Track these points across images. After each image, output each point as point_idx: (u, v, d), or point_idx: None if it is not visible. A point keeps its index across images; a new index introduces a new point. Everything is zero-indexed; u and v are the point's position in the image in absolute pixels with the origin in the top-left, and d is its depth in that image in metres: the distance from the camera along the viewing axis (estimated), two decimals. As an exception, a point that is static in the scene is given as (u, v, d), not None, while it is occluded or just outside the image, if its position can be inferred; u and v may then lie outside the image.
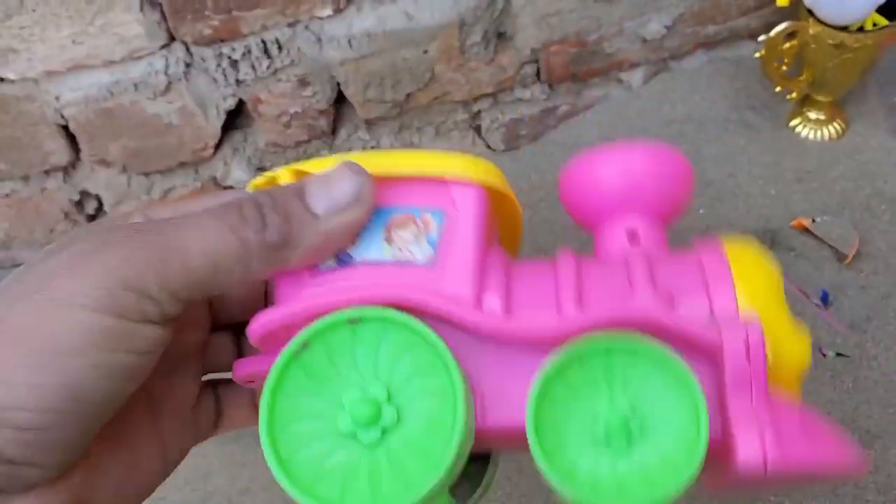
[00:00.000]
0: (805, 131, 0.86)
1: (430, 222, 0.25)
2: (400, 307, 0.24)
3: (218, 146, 0.85)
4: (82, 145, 0.83)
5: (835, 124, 0.86)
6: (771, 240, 0.80)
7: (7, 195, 0.87)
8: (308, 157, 0.88)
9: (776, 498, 0.67)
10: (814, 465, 0.24)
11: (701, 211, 0.83)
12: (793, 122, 0.87)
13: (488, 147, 0.91)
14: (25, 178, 0.86)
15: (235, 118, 0.85)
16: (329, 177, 0.25)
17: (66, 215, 0.90)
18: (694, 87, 0.90)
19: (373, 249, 0.25)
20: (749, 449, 0.23)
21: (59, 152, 0.83)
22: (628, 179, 0.28)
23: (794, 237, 0.80)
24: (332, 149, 0.87)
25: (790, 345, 0.25)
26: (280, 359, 0.24)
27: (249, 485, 0.73)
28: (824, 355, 0.73)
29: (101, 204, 0.91)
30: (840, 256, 0.78)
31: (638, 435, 0.23)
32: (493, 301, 0.24)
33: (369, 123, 0.87)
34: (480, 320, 0.24)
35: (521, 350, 0.24)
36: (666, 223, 0.29)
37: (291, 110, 0.82)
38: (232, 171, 0.87)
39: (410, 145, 0.89)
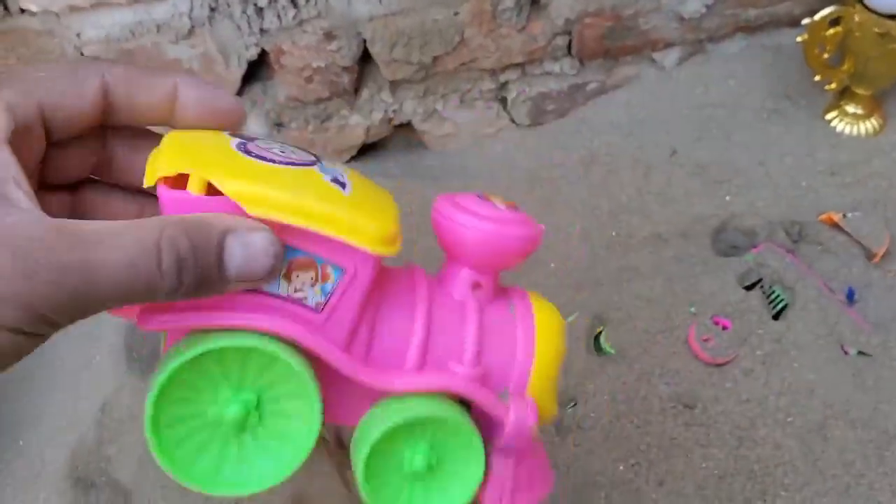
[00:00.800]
0: (841, 125, 0.84)
1: (330, 275, 0.29)
2: (285, 338, 0.29)
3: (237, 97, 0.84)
4: (100, 86, 0.81)
5: (872, 120, 0.83)
6: (798, 232, 0.78)
7: (21, 133, 0.85)
8: (328, 116, 0.86)
9: (787, 493, 0.64)
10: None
11: (728, 198, 0.80)
12: (829, 115, 0.84)
13: (513, 121, 0.89)
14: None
15: (256, 70, 0.83)
16: (250, 241, 0.27)
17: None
18: (729, 71, 0.88)
19: (273, 282, 0.28)
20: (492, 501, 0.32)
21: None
22: (485, 252, 0.32)
23: (822, 231, 0.77)
24: (354, 108, 0.86)
25: (548, 412, 0.33)
26: (175, 363, 0.27)
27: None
28: (846, 353, 0.70)
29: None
30: (869, 254, 0.76)
31: (437, 470, 0.31)
32: (357, 351, 0.30)
33: (393, 85, 0.85)
34: (343, 364, 0.29)
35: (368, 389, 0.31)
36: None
37: (315, 64, 0.80)
38: (249, 125, 0.85)
39: (434, 113, 0.87)
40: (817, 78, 0.81)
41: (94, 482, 0.71)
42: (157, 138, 0.30)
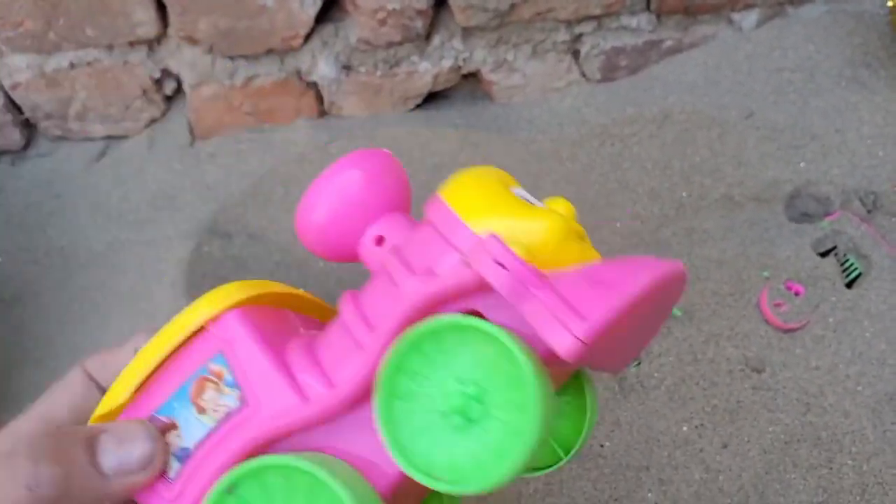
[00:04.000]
0: (922, 96, 0.81)
1: (220, 370, 0.27)
2: (253, 452, 0.26)
3: (308, 37, 0.82)
4: (172, 18, 0.81)
5: (955, 92, 0.81)
6: (873, 202, 0.76)
7: (90, 63, 0.85)
8: (397, 61, 0.85)
9: (854, 462, 0.64)
10: (629, 298, 0.23)
11: (802, 164, 0.79)
12: (910, 85, 0.82)
13: (583, 76, 0.88)
14: (109, 48, 0.84)
15: (329, 10, 0.82)
16: (123, 437, 0.26)
17: (145, 93, 0.88)
18: (809, 36, 0.86)
19: (196, 429, 0.27)
20: (561, 342, 0.23)
21: (148, 24, 0.81)
22: (348, 201, 0.29)
23: (899, 202, 0.76)
24: (424, 55, 0.84)
25: (534, 225, 0.26)
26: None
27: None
28: (920, 325, 0.69)
29: (179, 85, 0.89)
30: (946, 228, 0.74)
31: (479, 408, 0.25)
32: (315, 388, 0.26)
33: (466, 32, 0.83)
34: (318, 411, 0.26)
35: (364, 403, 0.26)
36: (406, 208, 0.30)
37: (390, 6, 0.79)
38: (318, 66, 0.84)
39: (504, 63, 0.86)
40: (904, 45, 0.79)
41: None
42: None
